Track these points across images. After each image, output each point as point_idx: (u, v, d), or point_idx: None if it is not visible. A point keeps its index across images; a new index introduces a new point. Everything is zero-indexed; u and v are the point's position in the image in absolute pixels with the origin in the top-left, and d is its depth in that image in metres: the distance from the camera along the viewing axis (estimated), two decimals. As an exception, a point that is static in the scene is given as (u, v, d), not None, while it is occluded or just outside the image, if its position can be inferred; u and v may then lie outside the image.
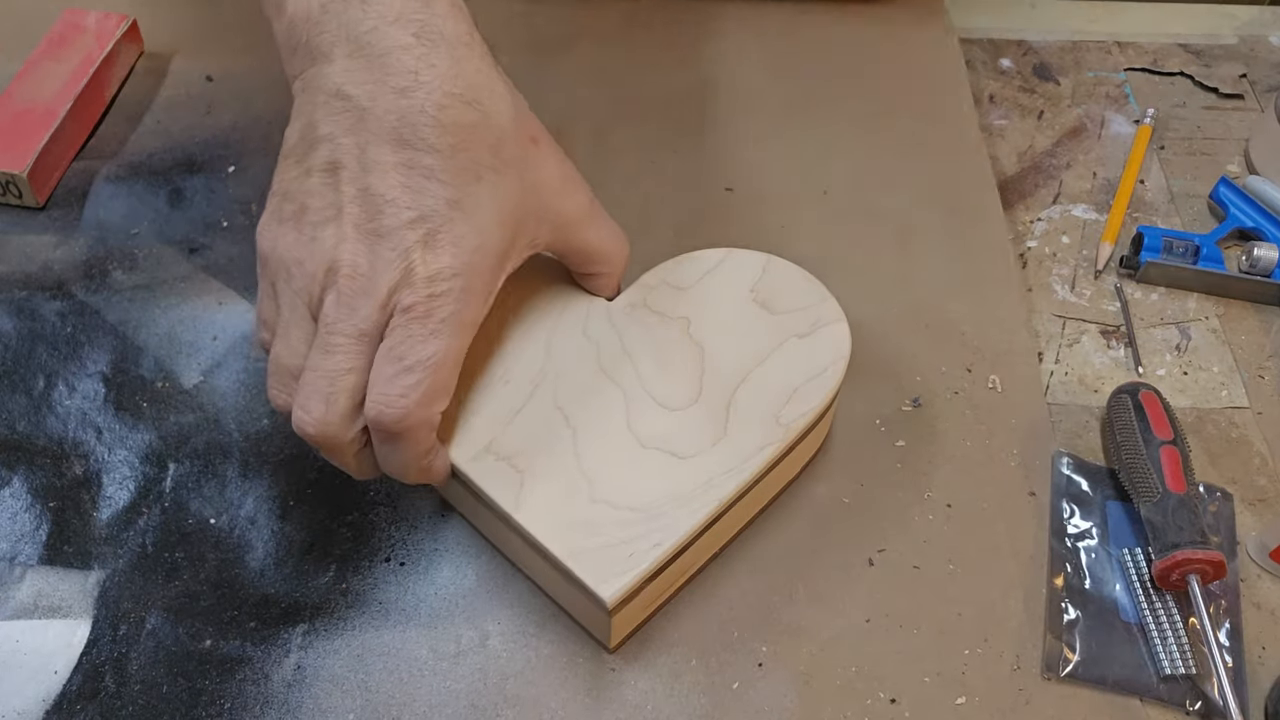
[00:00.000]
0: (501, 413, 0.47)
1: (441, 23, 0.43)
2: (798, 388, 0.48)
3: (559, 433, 0.46)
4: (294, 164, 0.43)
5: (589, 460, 0.46)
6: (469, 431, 0.46)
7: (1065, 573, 0.50)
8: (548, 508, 0.44)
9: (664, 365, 0.48)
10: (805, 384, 0.48)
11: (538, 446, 0.46)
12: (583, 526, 0.44)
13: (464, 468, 0.45)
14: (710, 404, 0.47)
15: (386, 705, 0.45)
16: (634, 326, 0.50)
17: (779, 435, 0.46)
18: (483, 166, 0.42)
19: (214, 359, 0.55)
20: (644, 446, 0.46)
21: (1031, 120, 0.70)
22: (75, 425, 0.53)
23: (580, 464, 0.46)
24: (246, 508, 0.50)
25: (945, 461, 0.53)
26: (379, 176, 0.41)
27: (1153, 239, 0.61)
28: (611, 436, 0.46)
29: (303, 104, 0.44)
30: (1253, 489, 0.53)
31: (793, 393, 0.47)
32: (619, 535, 0.44)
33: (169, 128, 0.66)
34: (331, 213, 0.42)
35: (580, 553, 0.43)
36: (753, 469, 0.45)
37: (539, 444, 0.46)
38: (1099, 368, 0.58)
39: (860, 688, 0.46)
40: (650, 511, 0.44)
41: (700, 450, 0.46)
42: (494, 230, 0.43)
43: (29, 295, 0.58)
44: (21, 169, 0.60)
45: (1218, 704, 0.46)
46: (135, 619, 0.47)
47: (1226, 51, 0.75)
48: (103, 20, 0.68)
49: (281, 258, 0.43)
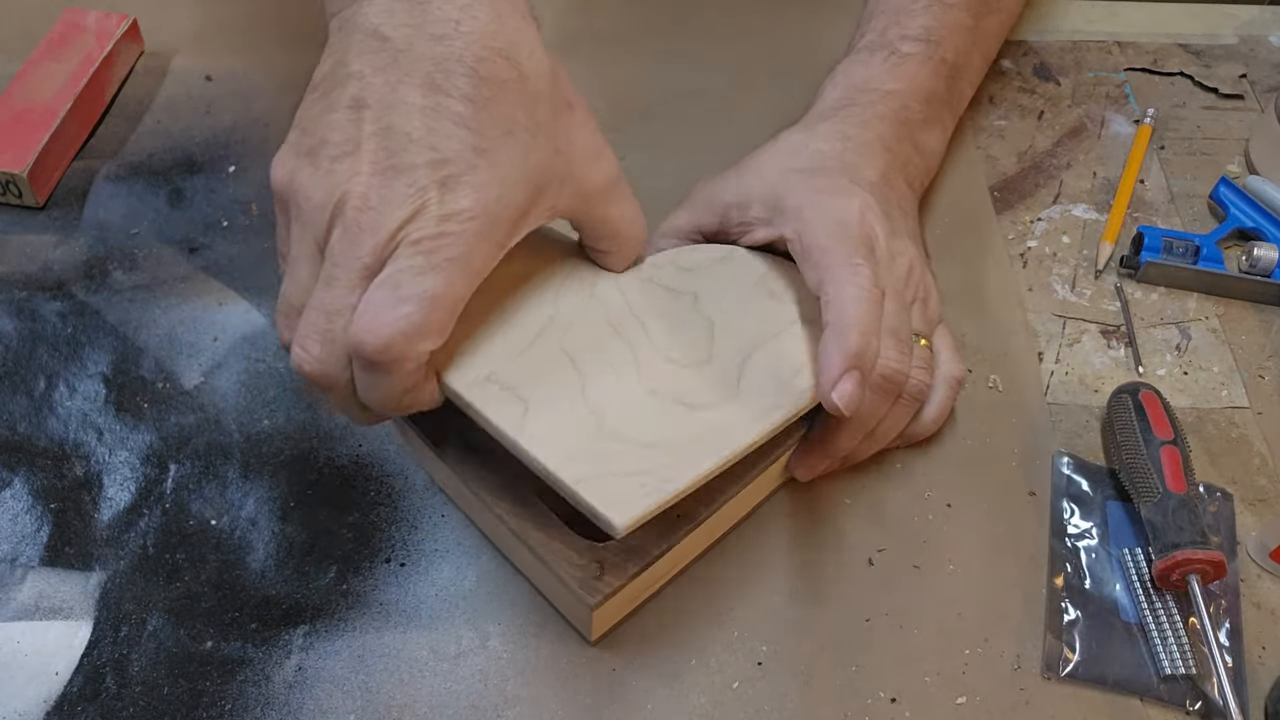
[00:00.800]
0: (506, 350, 0.45)
1: None
2: (807, 363, 0.47)
3: (566, 374, 0.45)
4: (319, 98, 0.42)
5: (597, 399, 0.44)
6: (470, 360, 0.44)
7: (1065, 572, 0.50)
8: (554, 435, 0.42)
9: (673, 330, 0.48)
10: (814, 359, 0.46)
11: (544, 382, 0.44)
12: (591, 455, 0.42)
13: (464, 393, 0.43)
14: (721, 366, 0.46)
15: (387, 706, 0.45)
16: (643, 294, 0.49)
17: (792, 399, 0.45)
18: (514, 123, 0.42)
19: (215, 360, 0.55)
20: (654, 395, 0.45)
21: (1031, 120, 0.70)
22: (76, 426, 0.53)
23: (587, 401, 0.44)
24: (247, 509, 0.50)
25: (945, 461, 0.53)
26: (404, 116, 0.40)
27: (1153, 239, 0.61)
28: (621, 383, 0.45)
29: (336, 41, 0.43)
30: (1253, 489, 0.53)
31: (803, 366, 0.47)
32: (628, 467, 0.42)
33: (169, 127, 0.66)
34: (350, 148, 0.41)
35: (589, 478, 0.41)
36: (771, 423, 0.44)
37: (545, 380, 0.44)
38: (1099, 367, 0.58)
39: (860, 687, 0.46)
40: (662, 449, 0.43)
41: (713, 404, 0.45)
42: (518, 185, 0.42)
43: (29, 295, 0.58)
44: (22, 169, 0.60)
45: (1218, 704, 0.46)
46: (136, 620, 0.47)
47: (1226, 51, 0.75)
48: (103, 20, 0.68)
49: (295, 191, 0.42)
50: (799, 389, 0.46)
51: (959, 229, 0.63)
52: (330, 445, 0.53)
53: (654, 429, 0.44)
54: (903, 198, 0.55)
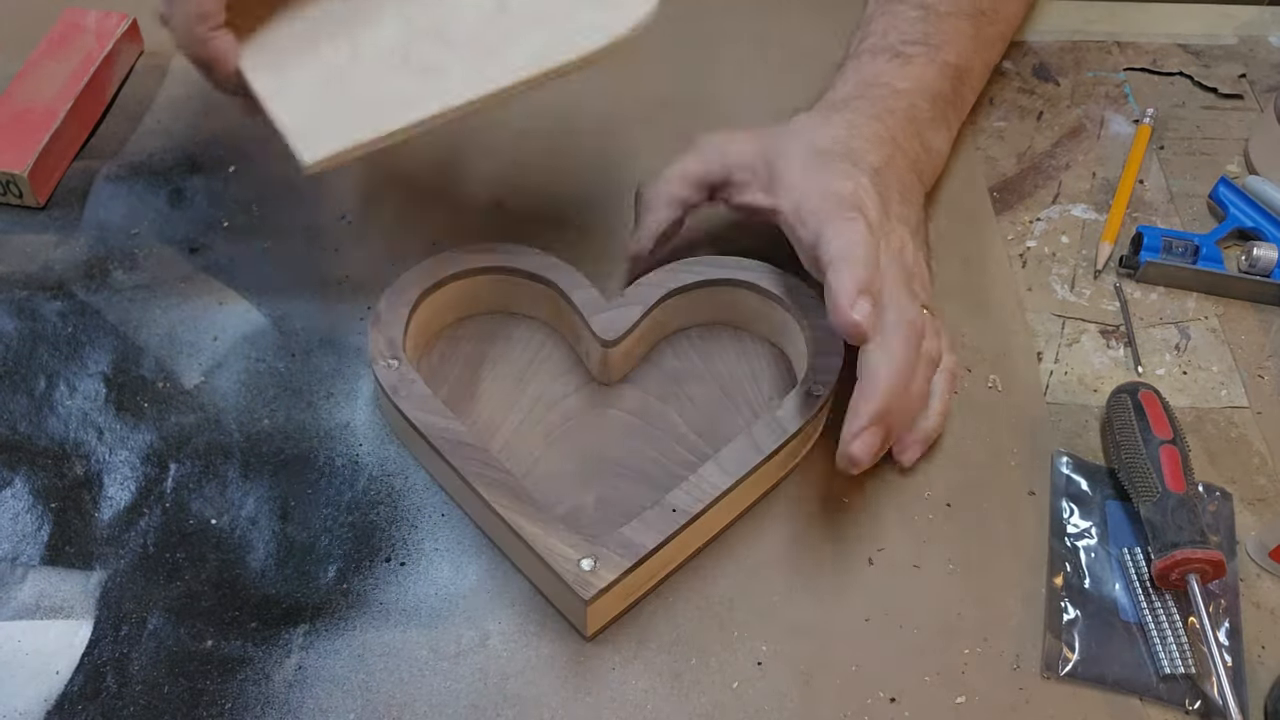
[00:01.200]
0: (294, 40, 0.52)
1: None
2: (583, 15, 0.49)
3: (335, 45, 0.51)
4: None
5: (351, 65, 0.51)
6: (263, 51, 0.51)
7: (1065, 572, 0.50)
8: (294, 89, 0.50)
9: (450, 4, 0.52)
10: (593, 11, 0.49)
11: (313, 54, 0.51)
12: (317, 103, 0.49)
13: (247, 73, 0.50)
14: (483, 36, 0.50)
15: (387, 705, 0.45)
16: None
17: (560, 52, 0.49)
18: None
19: (215, 359, 0.56)
20: (405, 62, 0.50)
21: (1031, 121, 0.70)
22: (76, 426, 0.53)
23: (340, 66, 0.51)
24: (247, 508, 0.50)
25: (945, 461, 0.53)
26: None
27: (1152, 239, 0.61)
28: (379, 49, 0.51)
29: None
30: (1252, 488, 0.53)
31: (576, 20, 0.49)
32: (346, 117, 0.49)
33: (169, 127, 0.66)
34: None
35: (301, 120, 0.49)
36: (499, 83, 0.49)
37: (315, 52, 0.51)
38: (1098, 367, 0.58)
39: (860, 687, 0.46)
40: (388, 102, 0.49)
41: (450, 66, 0.50)
42: None
43: (30, 295, 0.58)
44: (22, 169, 0.60)
45: (1217, 703, 0.46)
46: (136, 619, 0.47)
47: (1226, 51, 0.75)
48: (103, 19, 0.68)
49: None
50: (578, 44, 0.48)
51: (959, 229, 0.63)
52: (330, 445, 0.53)
53: (387, 87, 0.49)
54: (907, 188, 0.56)
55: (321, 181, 0.62)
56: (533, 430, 0.53)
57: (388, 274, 0.56)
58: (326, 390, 0.54)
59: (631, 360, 0.55)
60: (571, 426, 0.53)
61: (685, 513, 0.46)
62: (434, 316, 0.54)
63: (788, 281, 0.54)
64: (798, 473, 0.52)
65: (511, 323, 0.57)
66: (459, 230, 0.60)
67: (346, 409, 0.54)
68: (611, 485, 0.51)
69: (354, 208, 0.62)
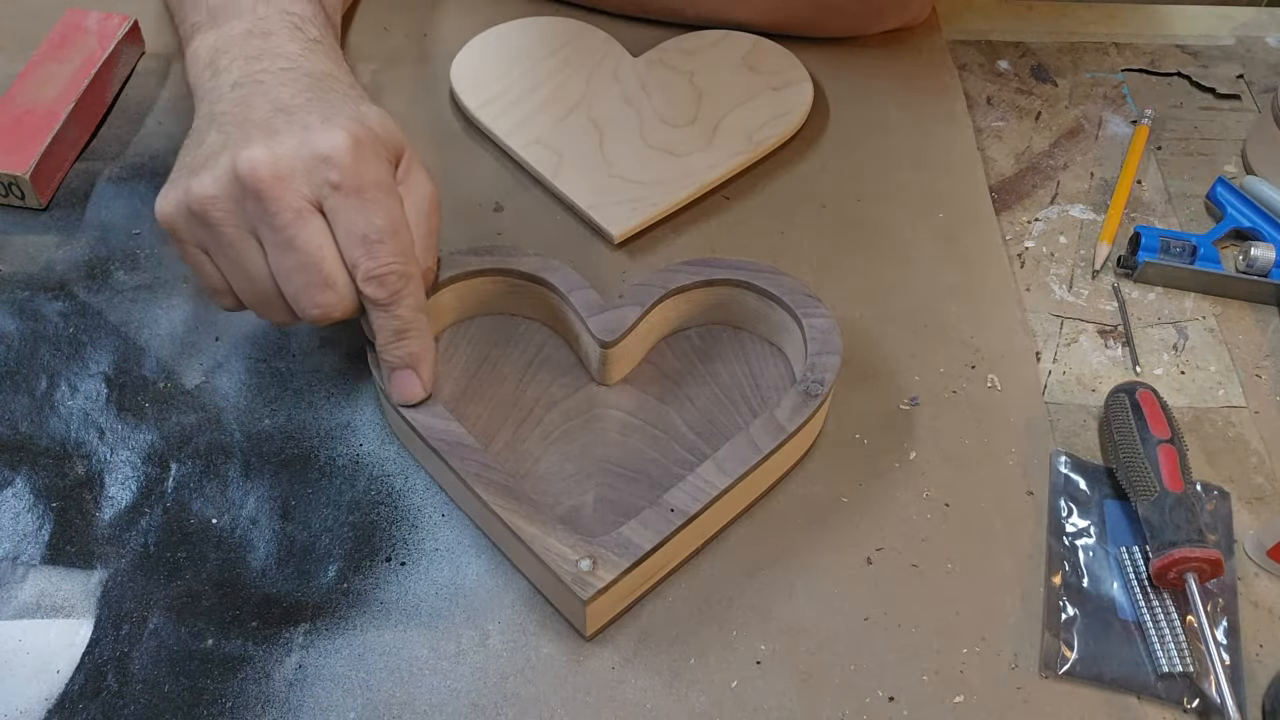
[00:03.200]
0: (550, 120, 0.65)
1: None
2: (767, 120, 0.65)
3: (590, 135, 0.64)
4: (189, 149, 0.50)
5: (610, 152, 0.63)
6: (521, 132, 0.64)
7: (1063, 571, 0.50)
8: (578, 176, 0.62)
9: (671, 100, 0.66)
10: (774, 119, 0.65)
11: (574, 142, 0.64)
12: (601, 190, 0.62)
13: (520, 150, 0.63)
14: (703, 125, 0.65)
15: (387, 704, 0.45)
16: (651, 73, 0.68)
17: (749, 148, 0.64)
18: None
19: (216, 359, 0.56)
20: (650, 147, 0.64)
21: (1029, 121, 0.70)
22: (78, 425, 0.53)
23: (604, 154, 0.63)
24: (248, 508, 0.51)
25: (943, 460, 0.53)
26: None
27: (1150, 239, 0.61)
28: (628, 140, 0.64)
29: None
30: (1250, 487, 0.53)
31: (764, 124, 0.65)
32: (627, 197, 0.61)
33: (171, 129, 0.66)
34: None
35: (598, 206, 0.61)
36: (733, 164, 0.63)
37: (575, 141, 0.64)
38: (1096, 367, 0.58)
39: (859, 686, 0.46)
40: (651, 185, 0.62)
41: (692, 152, 0.63)
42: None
43: (31, 296, 0.58)
44: (24, 170, 0.60)
45: (1215, 702, 0.46)
46: (137, 619, 0.47)
47: (1223, 52, 0.75)
48: (104, 21, 0.68)
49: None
50: (756, 141, 0.64)
51: (958, 229, 0.63)
52: (330, 445, 0.53)
53: (648, 172, 0.62)
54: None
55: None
56: (532, 431, 0.53)
57: (388, 274, 0.56)
58: (327, 390, 0.55)
59: (630, 361, 0.55)
60: (571, 427, 0.53)
61: (684, 513, 0.46)
62: (433, 318, 0.54)
63: (787, 282, 0.54)
64: (797, 472, 0.53)
65: (511, 324, 0.57)
66: (458, 232, 0.60)
67: (347, 409, 0.54)
68: (610, 485, 0.51)
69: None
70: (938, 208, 0.64)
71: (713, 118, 0.65)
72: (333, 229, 0.46)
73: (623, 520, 0.46)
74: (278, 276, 0.46)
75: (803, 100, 0.67)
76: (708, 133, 0.65)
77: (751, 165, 0.65)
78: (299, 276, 0.45)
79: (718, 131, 0.65)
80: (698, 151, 0.63)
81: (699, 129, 0.65)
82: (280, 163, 0.45)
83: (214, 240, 0.47)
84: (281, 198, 0.44)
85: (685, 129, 0.65)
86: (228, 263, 0.47)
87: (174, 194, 0.47)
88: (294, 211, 0.45)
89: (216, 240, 0.46)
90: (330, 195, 0.45)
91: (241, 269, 0.47)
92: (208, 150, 0.47)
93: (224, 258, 0.47)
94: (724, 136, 0.64)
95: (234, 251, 0.46)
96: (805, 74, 0.68)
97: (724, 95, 0.66)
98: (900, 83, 0.70)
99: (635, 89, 0.67)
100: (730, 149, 0.64)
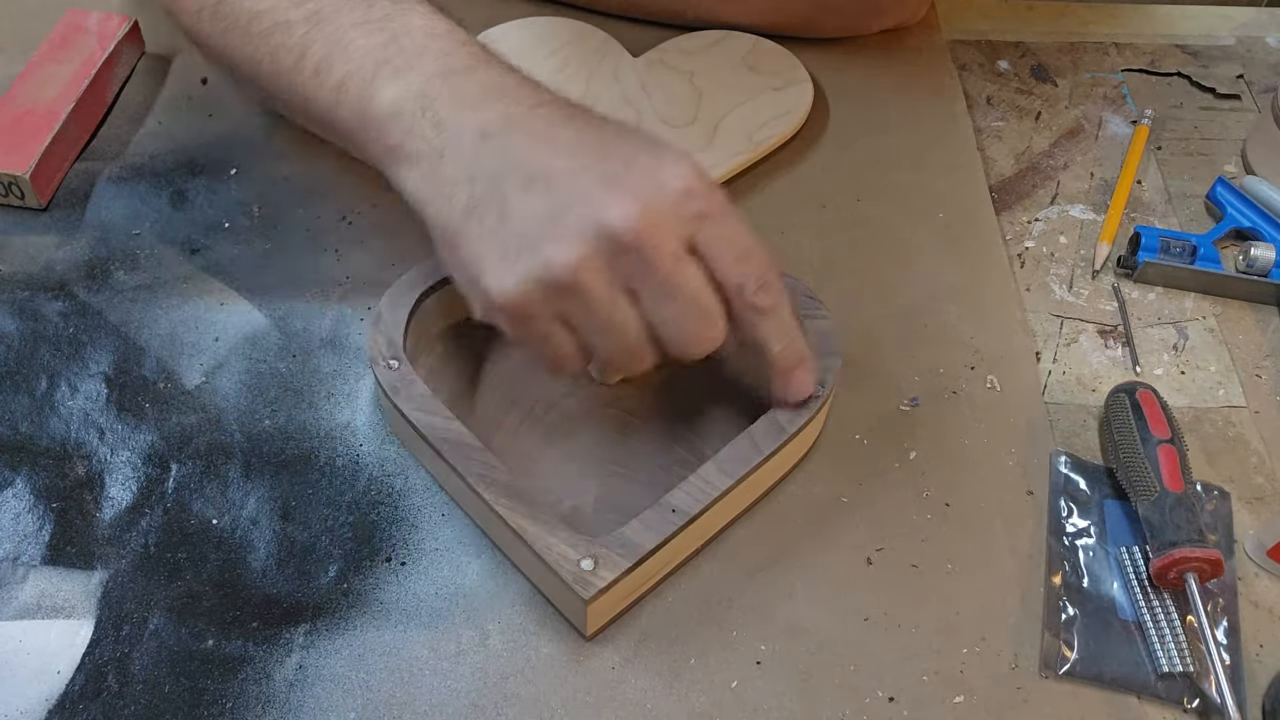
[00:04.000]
0: None
1: None
2: (768, 121, 0.65)
3: None
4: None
5: None
6: None
7: (1063, 571, 0.50)
8: None
9: (671, 99, 0.66)
10: (774, 119, 0.65)
11: None
12: None
13: None
14: (703, 125, 0.65)
15: (388, 704, 0.45)
16: (650, 73, 0.68)
17: (750, 148, 0.64)
18: None
19: (216, 360, 0.56)
20: None
21: (1029, 121, 0.70)
22: (78, 426, 0.53)
23: None
24: (248, 508, 0.51)
25: (943, 461, 0.53)
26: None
27: (1150, 239, 0.61)
28: None
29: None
30: (1250, 487, 0.53)
31: (764, 124, 0.65)
32: None
33: (171, 129, 0.66)
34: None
35: None
36: (727, 167, 0.63)
37: None
38: (1097, 367, 0.58)
39: (859, 686, 0.46)
40: None
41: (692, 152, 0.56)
42: None
43: (31, 296, 0.58)
44: (24, 170, 0.60)
45: (1215, 701, 0.46)
46: (138, 619, 0.47)
47: (1224, 52, 0.75)
48: (104, 21, 0.68)
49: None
50: (756, 141, 0.64)
51: (958, 229, 0.63)
52: (331, 445, 0.53)
53: None
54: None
55: (322, 183, 0.62)
56: (532, 430, 0.53)
57: (388, 275, 0.56)
58: (327, 391, 0.55)
59: (631, 360, 0.55)
60: (571, 427, 0.53)
61: (685, 513, 0.46)
62: (434, 317, 0.54)
63: (787, 282, 0.54)
64: (797, 473, 0.53)
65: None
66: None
67: (347, 409, 0.54)
68: (611, 485, 0.51)
69: (355, 209, 0.62)
70: (938, 208, 0.64)
71: (713, 118, 0.65)
72: (706, 258, 0.43)
73: (623, 520, 0.46)
74: (658, 324, 0.44)
75: (803, 100, 0.67)
76: (708, 133, 0.65)
77: (751, 165, 0.64)
78: (688, 319, 0.43)
79: (718, 131, 0.65)
80: (698, 151, 0.62)
81: (699, 129, 0.65)
82: (650, 210, 0.42)
83: (582, 307, 0.43)
84: (662, 245, 0.42)
85: (685, 129, 0.65)
86: (596, 325, 0.44)
87: (519, 272, 0.42)
88: (674, 257, 0.42)
89: (586, 306, 0.43)
90: (701, 226, 0.43)
91: (613, 327, 0.44)
92: (530, 217, 0.43)
93: (592, 321, 0.44)
94: (724, 136, 0.64)
95: (605, 312, 0.43)
96: (805, 74, 0.68)
97: (724, 95, 0.66)
98: (900, 82, 0.71)
99: (635, 89, 0.67)
100: (730, 149, 0.64)
